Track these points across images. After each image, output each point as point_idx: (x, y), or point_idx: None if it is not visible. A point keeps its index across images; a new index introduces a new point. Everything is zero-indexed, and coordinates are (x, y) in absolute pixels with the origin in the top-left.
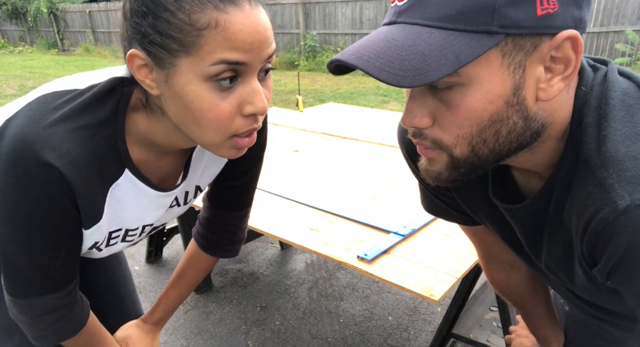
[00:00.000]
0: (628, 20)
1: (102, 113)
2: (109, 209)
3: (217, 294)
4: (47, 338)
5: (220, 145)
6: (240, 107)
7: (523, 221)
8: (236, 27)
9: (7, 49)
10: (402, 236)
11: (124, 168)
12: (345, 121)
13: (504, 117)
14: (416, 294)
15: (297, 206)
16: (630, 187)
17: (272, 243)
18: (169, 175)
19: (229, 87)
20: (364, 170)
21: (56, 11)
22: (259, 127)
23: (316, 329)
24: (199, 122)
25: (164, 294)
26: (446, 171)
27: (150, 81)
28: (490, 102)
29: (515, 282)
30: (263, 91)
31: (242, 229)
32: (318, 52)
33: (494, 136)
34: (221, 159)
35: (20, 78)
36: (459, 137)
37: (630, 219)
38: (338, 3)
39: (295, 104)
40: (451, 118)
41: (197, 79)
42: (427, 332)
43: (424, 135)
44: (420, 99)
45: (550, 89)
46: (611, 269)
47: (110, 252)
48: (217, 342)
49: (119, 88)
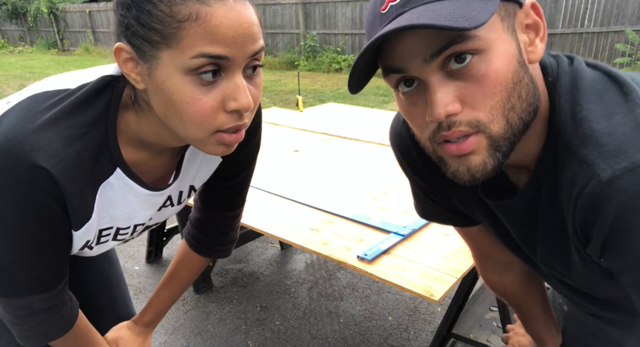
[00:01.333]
0: (628, 20)
1: (93, 112)
2: (99, 207)
3: (217, 294)
4: (34, 338)
5: (204, 142)
6: (224, 103)
7: (514, 216)
8: (217, 20)
9: (7, 49)
10: (402, 236)
11: (115, 167)
12: (345, 121)
13: (521, 78)
14: (416, 294)
15: (297, 206)
16: (611, 160)
17: (272, 243)
18: (162, 175)
19: (211, 82)
20: (364, 170)
21: (56, 11)
22: (245, 124)
23: (316, 329)
24: (181, 117)
25: (155, 295)
26: (490, 158)
27: (135, 75)
28: (509, 62)
29: (509, 283)
30: (250, 88)
31: (235, 230)
32: (318, 52)
33: (518, 100)
34: (215, 159)
35: (20, 78)
36: (492, 109)
37: (614, 189)
38: (338, 3)
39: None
40: (481, 91)
41: (178, 72)
42: (427, 332)
43: (458, 122)
44: (442, 88)
45: (536, 49)
46: (603, 243)
47: (101, 250)
48: (217, 342)
49: (109, 86)
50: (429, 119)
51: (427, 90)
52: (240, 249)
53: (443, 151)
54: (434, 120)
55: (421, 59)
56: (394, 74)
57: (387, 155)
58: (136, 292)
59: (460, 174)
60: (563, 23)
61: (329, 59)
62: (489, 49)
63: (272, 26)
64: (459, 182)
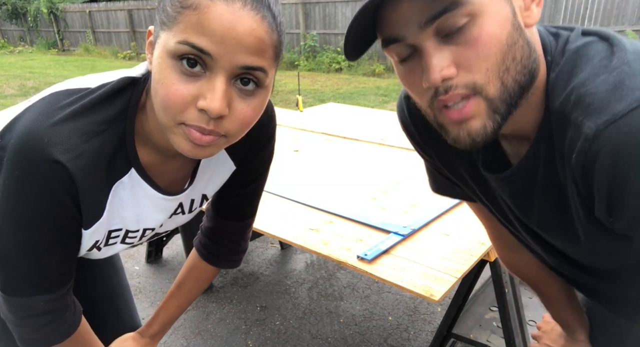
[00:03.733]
0: (628, 20)
1: (112, 111)
2: (111, 207)
3: (217, 294)
4: (34, 342)
5: (171, 131)
6: (196, 99)
7: (512, 187)
8: (212, 15)
9: (7, 49)
10: (402, 236)
11: (130, 167)
12: (345, 121)
13: (515, 40)
14: (416, 294)
15: (297, 206)
16: (594, 117)
17: (272, 243)
18: (176, 180)
19: (192, 74)
20: (364, 170)
21: (56, 11)
22: (213, 131)
23: (316, 329)
24: (156, 96)
25: (163, 305)
26: (489, 120)
27: (151, 56)
28: (502, 24)
29: (526, 262)
30: (239, 103)
31: (245, 239)
32: (318, 52)
33: (512, 62)
34: (228, 168)
35: (20, 78)
36: (488, 71)
37: (600, 143)
38: (338, 3)
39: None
40: (475, 53)
41: (166, 53)
42: (427, 332)
43: (455, 86)
44: (437, 53)
45: (532, 13)
46: (607, 200)
47: (109, 252)
48: (217, 342)
49: (129, 87)
50: (426, 85)
51: (422, 56)
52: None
53: (443, 118)
54: (431, 85)
55: (416, 25)
56: (392, 45)
57: (387, 155)
58: (136, 292)
59: (462, 139)
60: (563, 23)
61: (329, 59)
62: (481, 14)
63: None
64: (460, 147)
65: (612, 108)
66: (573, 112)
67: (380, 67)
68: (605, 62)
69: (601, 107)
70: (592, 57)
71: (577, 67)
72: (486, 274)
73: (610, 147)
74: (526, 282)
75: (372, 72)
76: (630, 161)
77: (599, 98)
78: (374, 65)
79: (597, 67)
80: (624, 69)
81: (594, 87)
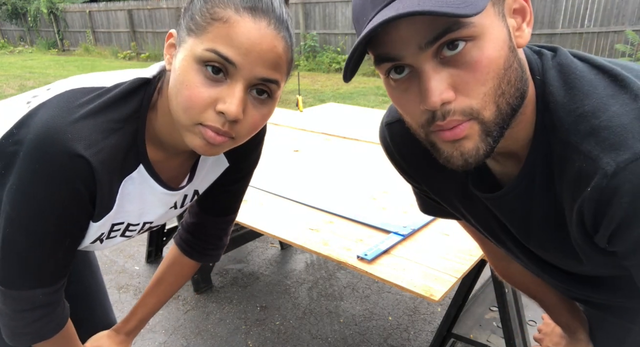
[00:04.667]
0: (628, 20)
1: (127, 110)
2: (120, 201)
3: (217, 294)
4: (26, 336)
5: (188, 130)
6: (216, 102)
7: (509, 207)
8: (240, 30)
9: (7, 49)
10: (402, 236)
11: (139, 163)
12: (345, 121)
13: (511, 63)
14: (416, 294)
15: (297, 206)
16: (613, 154)
17: (272, 243)
18: (176, 176)
19: (214, 79)
20: (364, 170)
21: (56, 11)
22: (227, 133)
23: (316, 329)
24: (177, 97)
25: (141, 302)
26: (482, 143)
27: (170, 57)
28: (500, 48)
29: (516, 272)
30: (251, 110)
31: (227, 235)
32: (318, 52)
33: (508, 85)
34: (221, 166)
35: (20, 78)
36: (485, 96)
37: (620, 181)
38: (338, 3)
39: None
40: (474, 77)
41: (192, 58)
42: (427, 332)
43: (452, 111)
44: (436, 75)
45: (524, 33)
46: (612, 231)
47: (108, 245)
48: (217, 342)
49: (143, 88)
50: (424, 108)
51: (421, 78)
52: (240, 249)
53: (436, 137)
54: (430, 108)
55: (416, 46)
56: (386, 63)
57: None
58: (136, 292)
59: (454, 159)
60: (563, 23)
61: (329, 59)
62: (482, 35)
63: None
64: (452, 168)
65: (632, 146)
66: (585, 142)
67: None
68: (611, 92)
69: (619, 144)
70: (594, 83)
71: (580, 92)
72: (486, 274)
73: (630, 185)
74: (521, 290)
75: (372, 72)
76: None
77: (615, 133)
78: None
79: (606, 98)
80: None
81: (607, 120)
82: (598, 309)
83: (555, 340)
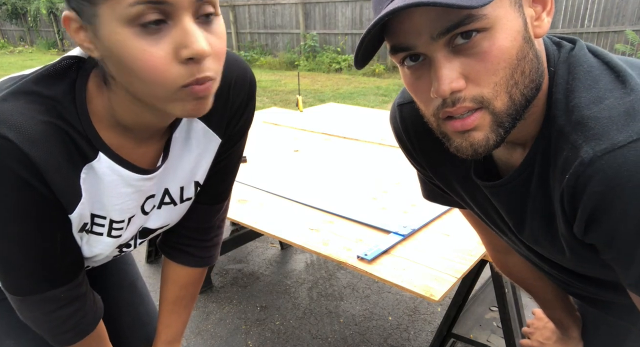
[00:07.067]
0: (628, 20)
1: (58, 88)
2: (87, 190)
3: (217, 294)
4: (68, 334)
5: (173, 100)
6: (176, 53)
7: (506, 197)
8: None
9: (7, 49)
10: (402, 236)
11: (97, 152)
12: (345, 121)
13: (525, 54)
14: (416, 294)
15: (297, 206)
16: (593, 142)
17: (272, 243)
18: (150, 159)
19: (156, 31)
20: (364, 170)
21: (56, 11)
22: (208, 77)
23: (316, 329)
24: (136, 76)
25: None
26: (492, 133)
27: (88, 43)
28: (514, 38)
29: (514, 264)
30: (208, 36)
31: (215, 228)
32: (318, 52)
33: (521, 76)
34: (214, 145)
35: None
36: (496, 85)
37: (595, 170)
38: (338, 3)
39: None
40: (485, 67)
41: (119, 25)
42: (427, 332)
43: (462, 98)
44: (447, 64)
45: (543, 23)
46: (587, 221)
47: (103, 250)
48: (217, 342)
49: (74, 66)
50: (434, 96)
51: (433, 66)
52: (240, 249)
53: (447, 127)
54: (439, 96)
55: (428, 36)
56: (401, 52)
57: (388, 155)
58: None
59: (464, 149)
60: (563, 23)
61: (329, 59)
62: (494, 26)
63: (272, 26)
64: (461, 156)
65: (612, 137)
66: (573, 133)
67: (380, 67)
68: (611, 86)
69: (601, 134)
70: (597, 78)
71: (582, 84)
72: (486, 274)
73: (603, 175)
74: (518, 284)
75: (372, 72)
76: (618, 192)
77: (601, 124)
78: (374, 65)
79: (603, 91)
80: (637, 97)
81: (598, 111)
82: (594, 306)
83: (547, 335)
